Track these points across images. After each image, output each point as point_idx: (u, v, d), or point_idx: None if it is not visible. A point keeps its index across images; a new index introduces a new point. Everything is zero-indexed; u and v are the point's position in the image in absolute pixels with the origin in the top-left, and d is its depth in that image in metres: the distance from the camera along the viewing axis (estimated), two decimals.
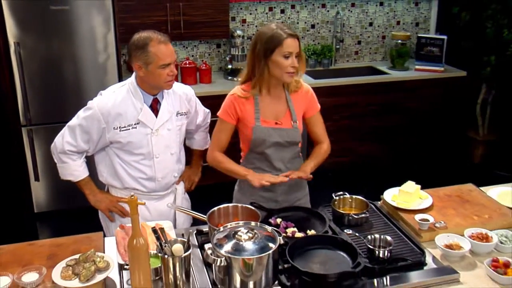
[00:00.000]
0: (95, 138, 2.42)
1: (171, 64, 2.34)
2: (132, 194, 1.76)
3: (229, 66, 4.67)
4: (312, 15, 5.02)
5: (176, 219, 2.62)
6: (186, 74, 4.42)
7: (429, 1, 5.32)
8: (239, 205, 2.31)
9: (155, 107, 2.44)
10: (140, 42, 2.31)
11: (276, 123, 2.43)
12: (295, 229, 2.18)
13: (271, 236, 1.89)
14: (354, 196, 2.42)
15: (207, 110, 2.76)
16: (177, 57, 4.48)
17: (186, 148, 2.74)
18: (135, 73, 2.41)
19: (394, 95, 4.78)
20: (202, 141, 2.80)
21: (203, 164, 2.76)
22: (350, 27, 5.18)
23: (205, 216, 2.22)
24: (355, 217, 2.28)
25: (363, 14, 5.17)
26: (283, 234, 2.09)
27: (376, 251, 2.01)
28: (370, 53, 5.36)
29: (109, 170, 2.52)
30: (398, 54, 4.99)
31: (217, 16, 4.39)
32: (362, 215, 2.29)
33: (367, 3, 5.14)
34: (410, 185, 2.46)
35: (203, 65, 4.52)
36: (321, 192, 2.64)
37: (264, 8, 4.85)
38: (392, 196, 2.48)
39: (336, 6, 5.04)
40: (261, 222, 2.06)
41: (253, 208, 2.28)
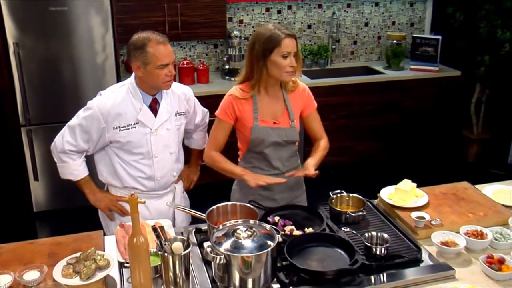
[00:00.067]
0: (95, 138, 2.42)
1: (169, 65, 2.33)
2: (133, 193, 1.75)
3: (226, 66, 4.67)
4: (309, 16, 5.02)
5: (175, 218, 2.62)
6: (184, 74, 4.42)
7: (424, 2, 5.33)
8: (238, 204, 2.31)
9: (154, 107, 2.44)
10: (139, 43, 2.31)
11: (274, 123, 2.43)
12: (293, 227, 2.18)
13: (270, 234, 1.89)
14: (351, 194, 2.42)
15: (206, 110, 2.76)
16: (175, 58, 4.47)
17: (185, 148, 2.74)
18: (135, 73, 2.41)
19: (390, 95, 4.79)
20: (201, 141, 2.80)
21: (202, 164, 2.76)
22: (346, 28, 5.19)
23: (204, 215, 2.22)
24: (352, 215, 2.28)
25: (359, 15, 5.18)
26: (281, 232, 2.09)
27: (373, 249, 2.01)
28: (366, 53, 5.36)
29: (109, 170, 2.52)
30: (394, 54, 5.00)
31: (214, 17, 4.39)
32: (359, 213, 2.29)
33: (363, 4, 5.15)
34: (406, 183, 2.46)
35: (201, 65, 4.51)
36: (319, 191, 2.64)
37: (261, 9, 4.85)
38: (389, 194, 2.48)
39: (332, 7, 5.05)
40: (260, 221, 2.06)
41: (252, 207, 2.28)
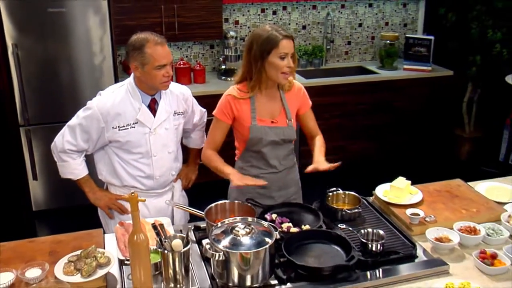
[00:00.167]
0: (95, 137, 2.42)
1: (167, 66, 2.33)
2: (133, 191, 1.76)
3: (223, 67, 4.66)
4: (303, 16, 5.03)
5: (174, 216, 2.62)
6: (181, 75, 4.42)
7: (417, 3, 5.35)
8: (236, 202, 2.32)
9: (153, 107, 2.44)
10: (137, 43, 2.32)
11: (272, 122, 2.44)
12: (290, 224, 2.19)
13: (268, 231, 1.90)
14: (347, 192, 2.43)
15: (204, 110, 2.76)
16: (172, 58, 4.47)
17: (183, 147, 2.75)
18: (133, 74, 2.41)
19: (383, 94, 4.80)
20: (199, 140, 2.80)
21: (200, 163, 2.77)
22: (340, 28, 5.20)
23: (203, 213, 2.23)
24: (348, 212, 2.29)
25: (353, 15, 5.19)
26: (279, 229, 2.10)
27: (369, 245, 2.02)
28: (360, 53, 5.37)
29: (108, 169, 2.52)
30: (387, 54, 5.01)
31: (211, 18, 4.39)
32: (355, 210, 2.30)
33: (357, 5, 5.16)
34: (401, 181, 2.48)
35: (197, 66, 4.51)
36: (314, 188, 2.65)
37: (257, 10, 4.85)
38: (384, 192, 2.49)
39: (327, 8, 5.06)
40: (257, 218, 2.06)
41: (249, 205, 2.29)
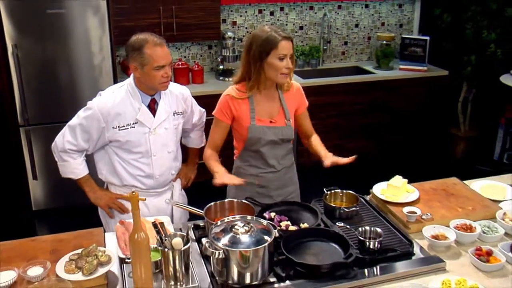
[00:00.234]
0: (95, 137, 2.42)
1: (166, 66, 2.33)
2: (133, 191, 1.77)
3: (221, 67, 4.67)
4: (300, 17, 5.04)
5: (173, 215, 2.62)
6: (179, 75, 4.42)
7: (412, 3, 5.37)
8: (235, 200, 2.32)
9: (153, 107, 2.44)
10: (137, 44, 2.32)
11: (271, 122, 2.44)
12: (289, 223, 2.19)
13: (267, 229, 1.90)
14: (345, 191, 2.44)
15: (203, 110, 2.76)
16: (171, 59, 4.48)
17: (182, 147, 2.75)
18: (133, 74, 2.41)
19: (380, 94, 4.82)
20: (198, 140, 2.81)
21: (199, 162, 2.78)
22: (337, 29, 5.21)
23: (202, 211, 2.23)
24: (346, 210, 2.30)
25: (349, 16, 5.21)
26: (278, 228, 2.10)
27: (367, 243, 2.03)
28: (356, 54, 5.39)
29: (108, 168, 2.52)
30: (383, 54, 5.03)
31: (209, 19, 4.40)
32: (353, 209, 2.31)
33: (353, 6, 5.17)
34: (398, 180, 2.49)
35: (195, 66, 4.52)
36: (312, 187, 2.66)
37: (254, 10, 4.86)
38: (381, 190, 2.50)
39: (323, 8, 5.07)
40: (256, 217, 2.07)
41: (248, 203, 2.29)
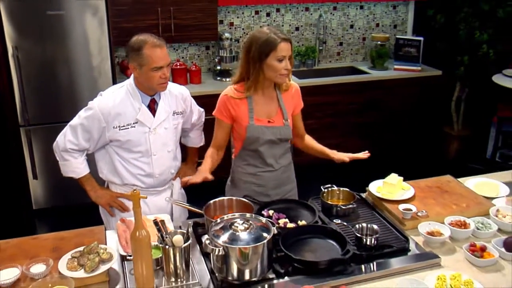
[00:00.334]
0: (96, 137, 2.42)
1: (164, 68, 2.33)
2: (135, 189, 1.77)
3: (218, 67, 4.67)
4: (296, 18, 5.05)
5: (173, 213, 2.63)
6: (177, 75, 4.42)
7: (406, 5, 5.38)
8: (234, 198, 2.33)
9: (153, 107, 2.45)
10: (136, 45, 2.32)
11: (269, 121, 2.44)
12: (287, 220, 2.20)
13: (266, 227, 1.91)
14: (342, 188, 2.45)
15: (202, 110, 2.77)
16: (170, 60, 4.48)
17: (182, 146, 2.75)
18: (133, 74, 2.42)
19: (375, 94, 4.83)
20: (197, 139, 2.82)
21: (198, 161, 2.78)
22: (332, 29, 5.22)
23: (202, 209, 2.23)
24: (343, 208, 2.31)
25: (345, 17, 5.22)
26: (276, 225, 2.12)
27: (364, 239, 2.04)
28: (352, 54, 5.40)
29: (109, 167, 2.52)
30: (378, 55, 5.04)
31: (206, 20, 4.40)
32: (350, 206, 2.32)
33: (348, 7, 5.19)
34: (393, 177, 2.49)
35: (193, 67, 4.52)
36: (310, 185, 2.67)
37: (251, 12, 4.87)
38: (377, 188, 2.51)
39: (319, 10, 5.08)
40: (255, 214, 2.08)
41: (247, 201, 2.30)
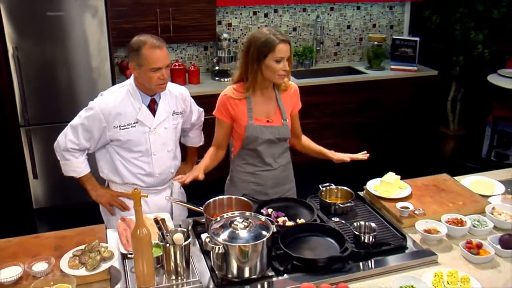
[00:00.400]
0: (96, 137, 2.42)
1: (162, 69, 2.32)
2: (136, 188, 1.78)
3: (216, 68, 4.67)
4: (294, 19, 5.06)
5: (173, 212, 2.63)
6: (176, 76, 4.42)
7: (403, 5, 5.40)
8: (233, 197, 2.34)
9: (153, 107, 2.45)
10: (136, 45, 2.33)
11: (268, 121, 2.45)
12: (286, 218, 2.21)
13: (265, 225, 1.92)
14: (340, 187, 2.45)
15: (201, 109, 2.77)
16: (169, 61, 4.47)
17: (181, 145, 2.75)
18: (133, 75, 2.42)
19: (371, 93, 4.84)
20: (197, 139, 2.82)
21: (197, 160, 2.78)
22: (330, 30, 5.23)
23: (201, 208, 2.24)
24: (341, 206, 2.31)
25: (342, 18, 5.23)
26: (275, 223, 2.12)
27: (362, 237, 2.05)
28: (349, 54, 5.41)
29: (110, 167, 2.52)
30: (375, 55, 5.05)
31: (205, 20, 4.40)
32: (348, 204, 2.33)
33: (345, 8, 5.19)
34: (391, 176, 2.51)
35: (192, 67, 4.52)
36: (308, 184, 2.67)
37: (249, 12, 4.87)
38: (374, 186, 2.52)
39: (316, 10, 5.09)
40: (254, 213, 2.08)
41: (246, 200, 2.31)
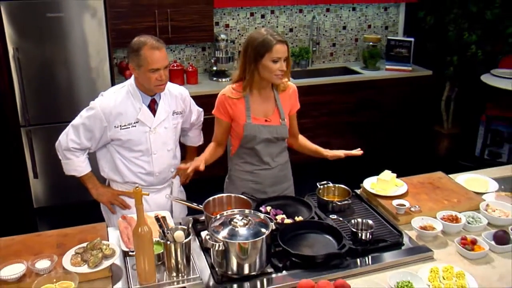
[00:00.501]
0: (97, 136, 2.43)
1: (161, 70, 2.32)
2: (137, 186, 1.78)
3: (214, 68, 4.68)
4: (290, 20, 5.07)
5: (173, 210, 2.63)
6: (174, 76, 4.41)
7: (397, 6, 5.41)
8: (232, 195, 2.34)
9: (153, 107, 2.46)
10: (135, 46, 2.33)
11: (266, 121, 2.45)
12: (284, 216, 2.21)
13: (264, 222, 1.93)
14: (337, 185, 2.47)
15: (200, 109, 2.78)
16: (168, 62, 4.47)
17: (181, 145, 2.76)
18: (133, 75, 2.43)
19: (367, 93, 4.86)
20: (196, 138, 2.83)
21: None
22: (326, 31, 5.24)
23: (201, 206, 2.25)
24: (339, 204, 2.33)
25: (337, 19, 5.24)
26: (274, 221, 2.13)
27: (359, 234, 2.06)
28: (344, 55, 5.42)
29: (110, 166, 2.53)
30: (370, 55, 5.06)
31: (202, 21, 4.40)
32: (345, 202, 2.34)
33: (341, 9, 5.21)
34: (387, 174, 2.52)
35: (190, 67, 4.53)
36: (306, 182, 2.68)
37: (246, 13, 4.88)
38: (371, 184, 2.53)
39: (312, 11, 5.10)
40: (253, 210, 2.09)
41: (245, 197, 2.31)
